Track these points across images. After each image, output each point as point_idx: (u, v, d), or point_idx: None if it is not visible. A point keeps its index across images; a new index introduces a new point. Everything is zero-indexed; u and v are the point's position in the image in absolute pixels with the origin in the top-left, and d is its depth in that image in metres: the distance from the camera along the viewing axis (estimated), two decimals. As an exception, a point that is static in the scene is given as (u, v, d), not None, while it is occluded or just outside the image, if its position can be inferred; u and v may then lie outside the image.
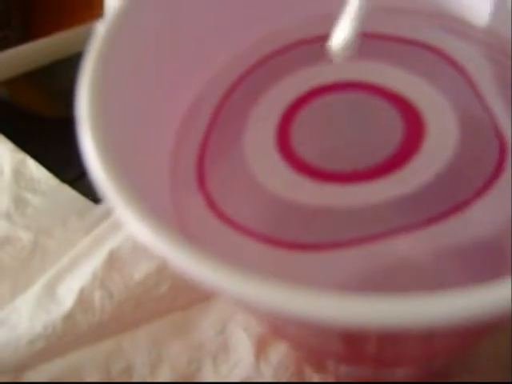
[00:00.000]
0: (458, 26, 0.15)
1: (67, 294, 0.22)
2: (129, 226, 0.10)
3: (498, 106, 0.14)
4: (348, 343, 0.13)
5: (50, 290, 0.23)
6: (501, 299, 0.08)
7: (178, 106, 0.15)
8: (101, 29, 0.12)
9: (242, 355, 0.21)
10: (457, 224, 0.12)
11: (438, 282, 0.12)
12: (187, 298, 0.22)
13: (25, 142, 0.25)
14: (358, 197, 0.13)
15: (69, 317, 0.22)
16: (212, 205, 0.14)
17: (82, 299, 0.22)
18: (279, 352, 0.21)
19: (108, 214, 0.25)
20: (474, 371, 0.20)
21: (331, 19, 0.16)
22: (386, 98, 0.14)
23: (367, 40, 0.15)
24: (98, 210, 0.26)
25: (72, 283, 0.23)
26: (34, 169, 0.28)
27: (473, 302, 0.08)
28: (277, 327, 0.15)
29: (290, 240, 0.13)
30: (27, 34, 0.26)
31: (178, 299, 0.22)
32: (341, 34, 0.12)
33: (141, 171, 0.12)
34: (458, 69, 0.15)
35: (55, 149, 0.25)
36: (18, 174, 0.28)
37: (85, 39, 0.22)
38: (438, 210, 0.12)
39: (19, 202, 0.27)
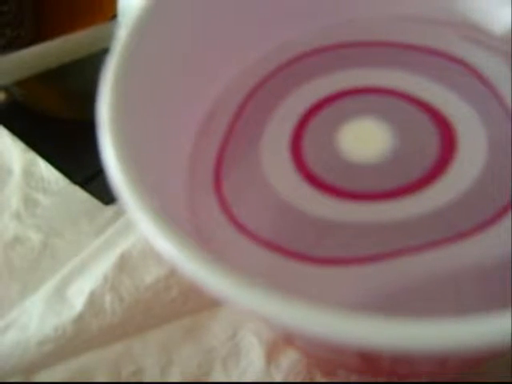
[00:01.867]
0: (480, 36, 0.15)
1: (77, 297, 0.22)
2: (141, 229, 0.10)
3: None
4: (361, 359, 0.13)
5: (61, 291, 0.23)
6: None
7: (197, 111, 0.15)
8: (122, 33, 0.12)
9: (252, 360, 0.21)
10: (477, 244, 0.12)
11: (456, 303, 0.12)
12: (198, 301, 0.22)
13: (36, 143, 0.25)
14: (375, 214, 0.13)
15: (79, 319, 0.22)
16: (226, 209, 0.14)
17: (93, 302, 0.22)
18: (290, 357, 0.21)
19: (118, 215, 0.25)
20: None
21: (346, 28, 0.16)
22: (416, 105, 0.14)
23: (388, 49, 0.15)
24: (109, 211, 0.26)
25: (82, 285, 0.23)
26: (45, 169, 0.28)
27: (488, 329, 0.08)
28: (288, 338, 0.15)
29: (300, 251, 0.13)
30: (40, 34, 0.26)
31: (189, 303, 0.22)
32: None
33: (158, 174, 0.12)
34: (483, 81, 0.14)
35: (66, 150, 0.25)
36: (29, 174, 0.28)
37: (98, 41, 0.22)
38: (459, 229, 0.12)
39: (29, 203, 0.27)
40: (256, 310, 0.09)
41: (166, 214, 0.10)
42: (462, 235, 0.12)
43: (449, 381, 0.19)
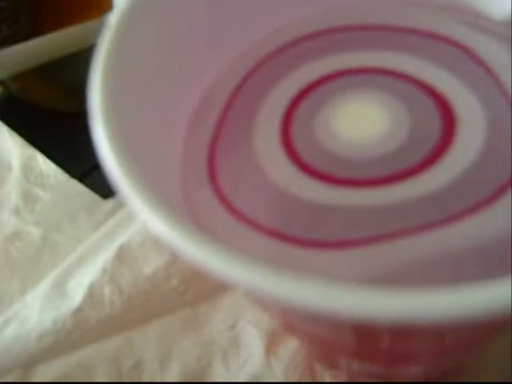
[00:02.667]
0: (480, 21, 0.15)
1: (77, 290, 0.22)
2: (142, 216, 0.10)
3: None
4: (362, 338, 0.13)
5: (60, 285, 0.23)
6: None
7: (190, 99, 0.15)
8: (112, 20, 0.12)
9: (252, 351, 0.21)
10: (473, 225, 0.12)
11: (453, 284, 0.12)
12: (197, 293, 0.22)
13: (34, 137, 0.25)
14: (370, 198, 0.13)
15: (78, 312, 0.22)
16: (222, 197, 0.14)
17: (92, 294, 0.22)
18: (290, 348, 0.21)
19: (117, 209, 0.25)
20: (488, 368, 0.19)
21: (340, 12, 0.16)
22: (415, 86, 0.14)
23: (389, 33, 0.15)
24: (107, 205, 0.26)
25: (81, 278, 0.23)
26: (43, 164, 0.28)
27: (487, 296, 0.08)
28: (290, 322, 0.15)
29: (296, 236, 0.12)
30: (36, 31, 0.26)
31: (188, 294, 0.22)
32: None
33: (153, 163, 0.12)
34: (483, 65, 0.14)
35: (64, 143, 0.25)
36: (27, 169, 0.28)
37: (94, 34, 0.22)
38: (455, 211, 0.12)
39: (28, 198, 0.27)
40: (261, 288, 0.09)
41: (164, 200, 0.10)
42: (457, 216, 0.12)
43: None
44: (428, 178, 0.13)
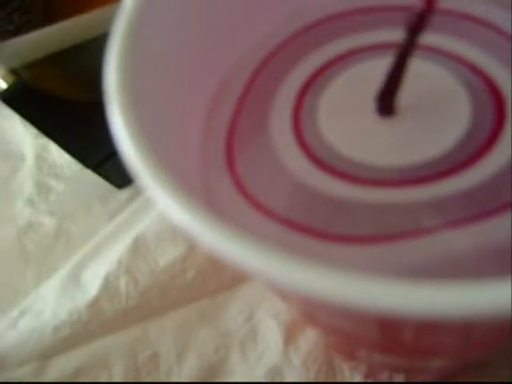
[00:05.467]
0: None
1: (92, 281, 0.22)
2: (160, 204, 0.10)
3: None
4: (385, 331, 0.12)
5: (75, 276, 0.23)
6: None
7: (208, 85, 0.14)
8: (126, 5, 0.12)
9: (270, 342, 0.21)
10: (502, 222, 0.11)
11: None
12: (214, 284, 0.22)
13: (47, 127, 0.25)
14: (393, 196, 0.12)
15: (94, 304, 0.21)
16: (239, 185, 0.13)
17: (108, 286, 0.22)
18: (309, 339, 0.21)
19: (132, 199, 0.25)
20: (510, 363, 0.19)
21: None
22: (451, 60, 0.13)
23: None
24: (122, 195, 0.26)
25: (97, 270, 0.22)
26: (57, 155, 0.28)
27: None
28: (310, 313, 0.15)
29: (315, 228, 0.12)
30: (48, 20, 0.26)
31: (205, 286, 0.22)
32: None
33: (171, 149, 0.12)
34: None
35: (78, 133, 0.24)
36: (41, 159, 0.28)
37: (106, 21, 0.21)
38: (485, 208, 0.12)
39: (42, 188, 0.27)
40: (285, 280, 0.08)
41: (182, 187, 0.10)
42: (487, 214, 0.12)
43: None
44: (468, 176, 0.12)
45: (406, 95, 0.13)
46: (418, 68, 0.13)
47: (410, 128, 0.13)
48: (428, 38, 0.12)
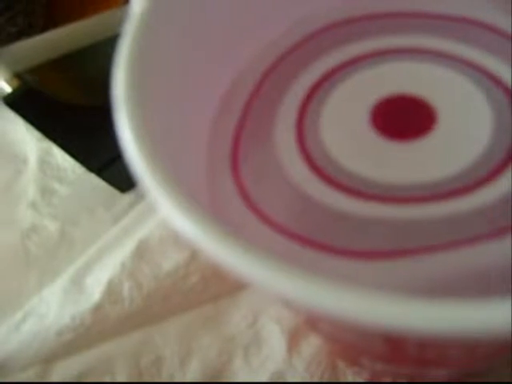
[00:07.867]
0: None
1: (95, 285, 0.22)
2: (162, 210, 0.09)
3: None
4: (390, 345, 0.12)
5: (78, 280, 0.23)
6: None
7: (215, 90, 0.14)
8: (136, 9, 0.12)
9: (273, 348, 0.21)
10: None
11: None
12: (217, 289, 0.22)
13: (50, 130, 0.25)
14: (402, 212, 0.12)
15: (97, 308, 0.21)
16: (244, 194, 0.13)
17: (111, 290, 0.22)
18: (312, 345, 0.21)
19: (135, 203, 0.25)
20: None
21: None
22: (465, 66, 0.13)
23: (417, 19, 0.15)
24: (125, 199, 0.26)
25: (100, 274, 0.22)
26: (60, 158, 0.28)
27: None
28: (314, 323, 0.15)
29: (318, 241, 0.12)
30: (51, 22, 0.26)
31: (208, 291, 0.22)
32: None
33: (177, 156, 0.12)
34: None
35: (81, 137, 0.24)
36: (44, 163, 0.28)
37: (111, 26, 0.21)
38: (500, 225, 0.12)
39: (45, 191, 0.27)
40: (287, 293, 0.08)
41: (186, 194, 0.10)
42: (500, 231, 0.11)
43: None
44: (482, 194, 0.12)
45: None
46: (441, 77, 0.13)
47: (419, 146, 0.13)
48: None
